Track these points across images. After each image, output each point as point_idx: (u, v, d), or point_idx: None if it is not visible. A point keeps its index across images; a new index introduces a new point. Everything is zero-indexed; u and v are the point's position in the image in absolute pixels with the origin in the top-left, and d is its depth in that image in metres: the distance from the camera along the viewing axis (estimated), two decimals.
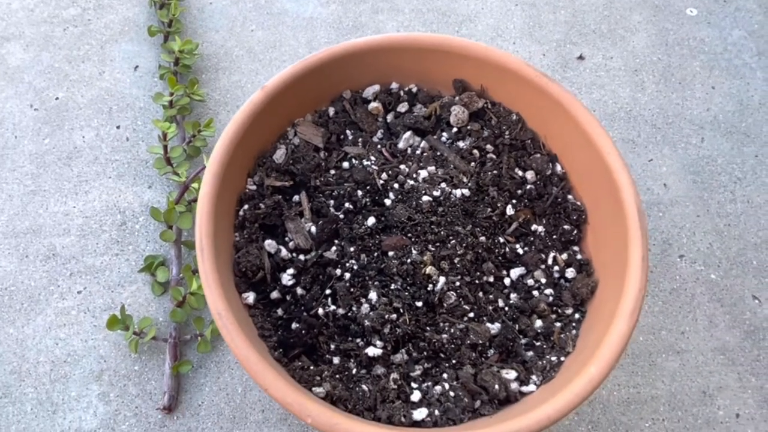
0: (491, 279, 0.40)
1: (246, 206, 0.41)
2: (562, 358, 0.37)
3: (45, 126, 0.60)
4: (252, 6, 0.69)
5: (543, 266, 0.41)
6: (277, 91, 0.41)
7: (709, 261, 0.55)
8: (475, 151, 0.44)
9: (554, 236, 0.42)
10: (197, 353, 0.49)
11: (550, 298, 0.40)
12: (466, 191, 0.42)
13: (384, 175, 0.43)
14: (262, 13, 0.68)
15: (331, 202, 0.42)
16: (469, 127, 0.45)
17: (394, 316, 0.37)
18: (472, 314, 0.38)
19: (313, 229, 0.40)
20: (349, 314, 0.38)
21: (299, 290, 0.39)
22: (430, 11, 0.69)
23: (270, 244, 0.40)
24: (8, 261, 0.52)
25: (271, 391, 0.31)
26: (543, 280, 0.40)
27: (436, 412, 0.34)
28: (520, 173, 0.43)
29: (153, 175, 0.57)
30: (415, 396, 0.35)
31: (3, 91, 0.61)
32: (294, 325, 0.37)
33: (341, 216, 0.41)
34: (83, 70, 0.63)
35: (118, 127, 0.60)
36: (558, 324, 0.39)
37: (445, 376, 0.36)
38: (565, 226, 0.42)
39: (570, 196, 0.43)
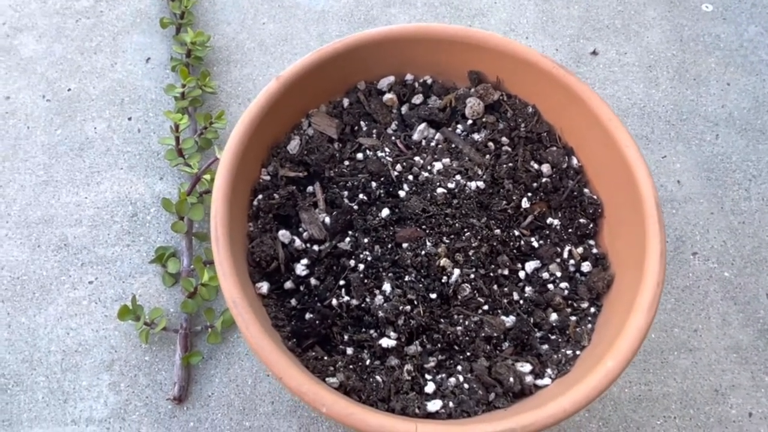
0: (506, 272, 0.39)
1: (260, 196, 0.41)
2: (578, 352, 0.36)
3: (57, 117, 0.60)
4: None
5: (558, 260, 0.40)
6: (292, 81, 0.41)
7: (723, 259, 0.54)
8: (491, 144, 0.44)
9: (570, 230, 0.41)
10: (207, 344, 0.49)
11: (566, 292, 0.39)
12: (481, 184, 0.42)
13: (398, 167, 0.42)
14: (274, 6, 0.68)
15: (345, 193, 0.41)
16: (484, 120, 0.44)
17: (408, 307, 0.37)
18: (486, 307, 0.38)
19: (327, 219, 0.40)
20: (363, 305, 0.37)
21: (313, 281, 0.39)
22: (443, 5, 0.69)
23: (284, 235, 0.40)
24: (20, 251, 0.53)
25: (286, 380, 0.31)
26: (558, 274, 0.40)
27: (451, 404, 0.34)
28: (536, 166, 0.43)
29: (164, 166, 0.57)
30: (429, 388, 0.35)
31: (16, 81, 0.62)
32: (308, 316, 0.37)
33: (355, 207, 0.41)
34: (95, 61, 0.63)
35: (129, 119, 0.60)
36: (573, 318, 0.38)
37: (459, 368, 0.36)
38: (581, 220, 0.41)
39: (586, 190, 0.43)
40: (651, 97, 0.63)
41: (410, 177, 0.42)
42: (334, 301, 0.37)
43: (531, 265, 0.40)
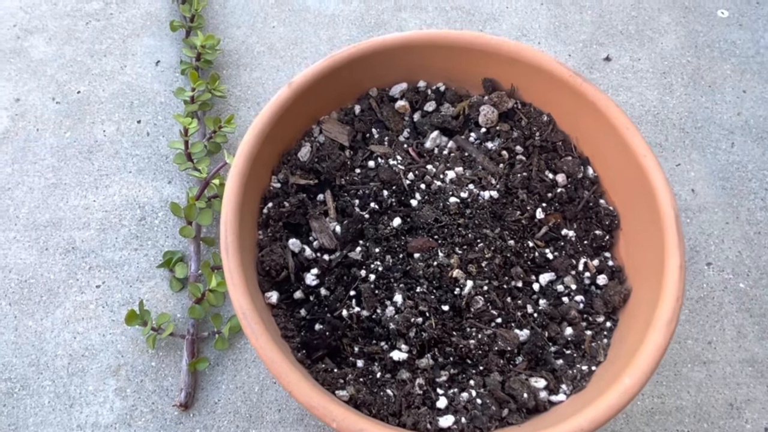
0: (520, 284, 0.39)
1: (270, 204, 0.40)
2: (594, 368, 0.36)
3: (66, 119, 0.60)
4: (274, 2, 0.68)
5: (573, 272, 0.40)
6: (304, 87, 0.40)
7: (738, 269, 0.53)
8: (504, 153, 0.43)
9: (585, 241, 0.41)
10: (214, 350, 0.48)
11: (581, 305, 0.39)
12: (494, 193, 0.41)
13: (410, 175, 0.42)
14: (284, 10, 0.68)
15: (357, 201, 0.41)
16: (498, 128, 0.44)
17: (420, 319, 0.36)
18: (500, 320, 0.37)
19: (338, 228, 0.40)
20: (374, 317, 0.37)
21: (323, 291, 0.38)
22: (454, 9, 0.68)
23: (294, 243, 0.39)
24: (28, 253, 0.52)
25: (296, 394, 0.31)
26: (573, 287, 0.39)
27: (463, 419, 0.33)
28: (551, 176, 0.42)
29: (173, 170, 0.57)
30: (441, 402, 0.34)
31: (26, 83, 0.62)
32: (317, 327, 0.37)
33: (366, 216, 0.40)
34: (105, 64, 0.63)
35: (138, 122, 0.60)
36: (589, 332, 0.38)
37: (471, 382, 0.35)
38: (597, 232, 0.41)
39: (602, 201, 0.42)
40: (665, 104, 0.62)
41: (422, 186, 0.41)
42: (345, 312, 0.37)
43: (545, 278, 0.39)
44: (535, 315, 0.38)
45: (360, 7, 0.68)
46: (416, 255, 0.38)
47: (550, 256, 0.40)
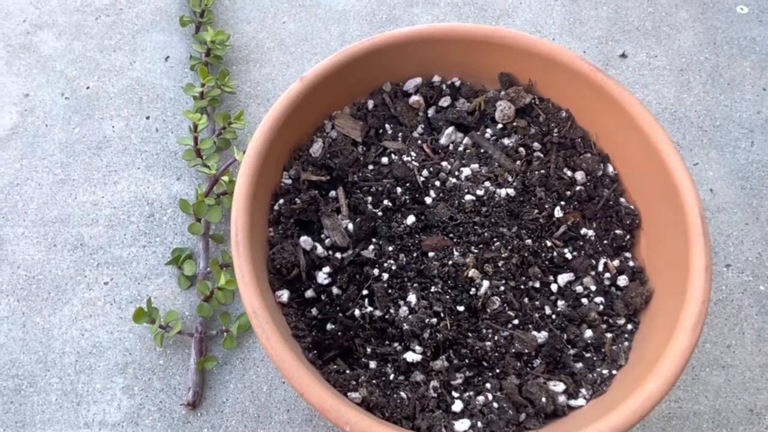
0: (537, 284, 0.38)
1: (281, 201, 0.40)
2: (614, 372, 0.35)
3: (75, 115, 0.59)
4: None
5: (593, 272, 0.38)
6: (316, 81, 0.39)
7: (758, 271, 0.52)
8: (522, 149, 0.42)
9: (605, 241, 0.40)
10: (223, 349, 0.48)
11: (601, 307, 0.38)
12: (511, 191, 0.40)
13: (425, 172, 0.41)
14: (294, 5, 0.67)
15: (369, 198, 0.40)
16: (515, 124, 0.43)
17: (435, 320, 0.35)
18: (517, 321, 0.36)
19: (351, 226, 0.39)
20: (387, 317, 0.36)
21: (335, 290, 0.37)
22: (467, 5, 0.67)
23: (305, 241, 0.38)
24: (36, 249, 0.52)
25: (307, 396, 0.30)
26: (593, 288, 0.38)
27: (479, 424, 0.32)
28: (569, 173, 0.41)
29: (182, 166, 0.56)
30: (457, 406, 0.33)
31: (35, 79, 0.61)
32: (329, 326, 0.36)
33: (379, 213, 0.39)
34: (114, 59, 0.63)
35: (147, 118, 0.59)
36: (609, 335, 0.37)
37: (488, 385, 0.34)
38: (617, 231, 0.39)
39: (622, 199, 0.41)
40: (682, 102, 0.61)
41: (437, 183, 0.40)
42: (357, 312, 0.36)
43: (564, 278, 0.38)
44: (554, 316, 0.37)
45: (371, 3, 0.67)
46: (431, 254, 0.37)
47: (568, 255, 0.39)
